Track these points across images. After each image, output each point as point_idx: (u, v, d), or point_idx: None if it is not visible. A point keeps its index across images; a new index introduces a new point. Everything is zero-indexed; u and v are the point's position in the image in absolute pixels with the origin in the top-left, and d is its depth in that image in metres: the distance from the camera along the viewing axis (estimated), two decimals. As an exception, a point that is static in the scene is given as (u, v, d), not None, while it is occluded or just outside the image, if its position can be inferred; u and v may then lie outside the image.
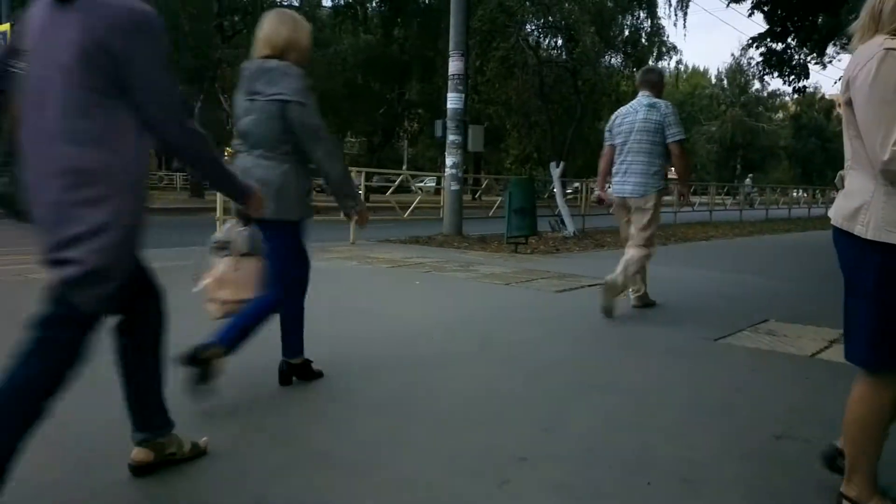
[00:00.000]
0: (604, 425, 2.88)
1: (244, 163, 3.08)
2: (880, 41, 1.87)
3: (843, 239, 2.06)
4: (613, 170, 5.33)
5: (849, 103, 1.96)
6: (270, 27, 3.08)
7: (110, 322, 2.11)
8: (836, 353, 4.18)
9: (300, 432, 2.71)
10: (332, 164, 3.05)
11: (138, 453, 2.25)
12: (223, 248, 3.05)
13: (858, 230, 1.97)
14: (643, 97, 5.23)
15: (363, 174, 11.06)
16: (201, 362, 2.77)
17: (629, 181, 5.16)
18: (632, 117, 5.17)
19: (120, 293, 1.99)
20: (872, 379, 2.08)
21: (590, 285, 6.45)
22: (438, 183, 15.74)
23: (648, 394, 3.34)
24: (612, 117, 5.42)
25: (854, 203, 1.99)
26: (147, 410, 2.25)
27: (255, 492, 2.17)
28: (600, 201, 5.98)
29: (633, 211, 5.23)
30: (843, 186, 2.08)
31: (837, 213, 2.08)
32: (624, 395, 3.32)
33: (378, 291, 6.23)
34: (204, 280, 3.01)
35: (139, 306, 2.18)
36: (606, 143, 5.41)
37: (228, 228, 3.10)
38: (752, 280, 7.43)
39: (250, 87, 3.07)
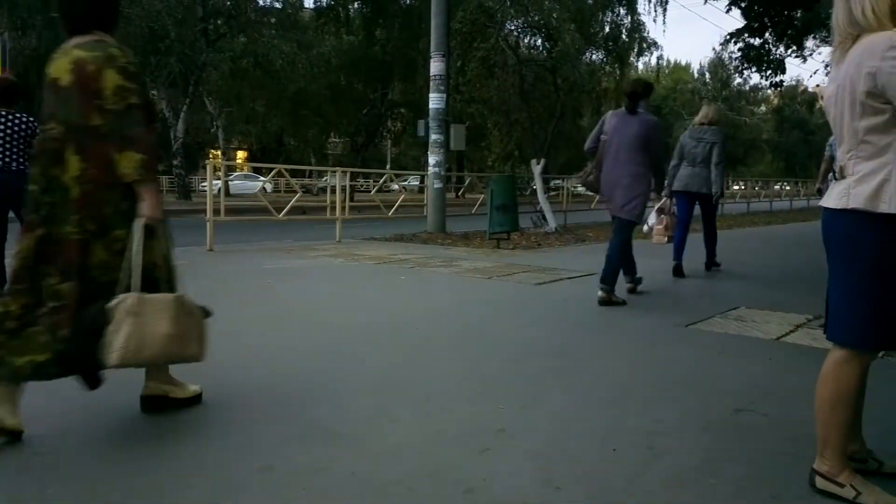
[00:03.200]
0: (576, 402, 3.09)
1: (693, 170, 6.79)
2: (889, 34, 1.97)
3: (840, 220, 2.11)
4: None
5: (869, 95, 2.00)
6: (711, 112, 6.94)
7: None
8: (801, 336, 4.38)
9: (300, 409, 2.90)
10: (720, 173, 6.69)
11: (602, 295, 5.32)
12: (662, 211, 5.99)
13: (883, 207, 1.99)
14: None
15: (348, 174, 11.20)
16: (679, 271, 6.88)
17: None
18: None
19: None
20: (843, 354, 2.15)
21: (569, 278, 6.67)
22: (422, 182, 15.89)
23: (619, 374, 3.56)
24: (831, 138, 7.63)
25: (873, 184, 2.02)
26: (610, 275, 5.37)
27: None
28: (819, 192, 8.93)
29: None
30: (842, 176, 2.13)
31: (845, 197, 2.09)
32: (596, 375, 3.54)
33: (365, 286, 6.41)
34: (654, 226, 6.11)
35: None
36: (826, 153, 7.76)
37: (663, 202, 6.16)
38: (727, 271, 7.62)
39: (698, 135, 6.85)
